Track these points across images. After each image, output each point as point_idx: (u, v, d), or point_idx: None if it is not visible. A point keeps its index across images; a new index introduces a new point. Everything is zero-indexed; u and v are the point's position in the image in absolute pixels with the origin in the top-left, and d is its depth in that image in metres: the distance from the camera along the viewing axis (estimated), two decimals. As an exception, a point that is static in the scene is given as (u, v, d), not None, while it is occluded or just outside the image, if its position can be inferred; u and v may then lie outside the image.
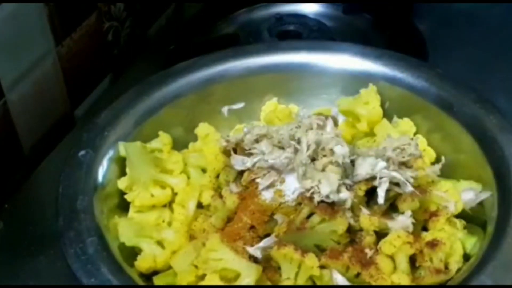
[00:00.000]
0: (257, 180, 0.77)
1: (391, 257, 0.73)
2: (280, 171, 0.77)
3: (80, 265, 0.72)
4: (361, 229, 0.75)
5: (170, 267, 0.76)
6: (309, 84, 0.92)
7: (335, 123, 0.85)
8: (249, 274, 0.71)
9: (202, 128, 0.89)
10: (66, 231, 0.75)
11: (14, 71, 0.86)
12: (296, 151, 0.77)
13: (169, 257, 0.77)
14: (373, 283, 0.72)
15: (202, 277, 0.73)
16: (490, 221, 0.76)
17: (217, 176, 0.82)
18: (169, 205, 0.82)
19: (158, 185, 0.82)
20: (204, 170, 0.84)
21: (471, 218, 0.79)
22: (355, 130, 0.88)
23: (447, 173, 0.82)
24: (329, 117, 0.83)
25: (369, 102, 0.88)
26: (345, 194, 0.74)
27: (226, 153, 0.82)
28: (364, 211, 0.75)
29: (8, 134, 0.87)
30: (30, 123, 0.91)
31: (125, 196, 0.82)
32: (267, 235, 0.75)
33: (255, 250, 0.74)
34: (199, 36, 1.09)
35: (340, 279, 0.72)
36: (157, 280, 0.76)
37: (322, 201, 0.74)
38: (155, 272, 0.77)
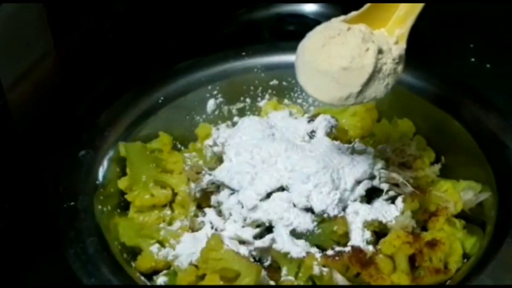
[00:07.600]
0: None
1: (391, 257, 0.73)
2: None
3: (80, 265, 0.72)
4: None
5: (170, 267, 0.77)
6: (309, 84, 0.92)
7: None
8: (249, 274, 0.71)
9: (202, 128, 0.89)
10: (66, 231, 0.75)
11: (14, 71, 0.86)
12: None
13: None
14: (373, 283, 0.72)
15: (202, 277, 0.73)
16: (490, 221, 0.76)
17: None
18: (169, 205, 0.82)
19: (158, 185, 0.82)
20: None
21: (470, 218, 0.79)
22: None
23: (447, 173, 0.82)
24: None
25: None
26: None
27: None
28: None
29: (8, 134, 0.87)
30: (30, 123, 0.90)
31: (125, 196, 0.82)
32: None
33: (255, 250, 0.74)
34: (199, 36, 1.09)
35: (340, 279, 0.72)
36: (157, 280, 0.76)
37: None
38: (155, 272, 0.77)
